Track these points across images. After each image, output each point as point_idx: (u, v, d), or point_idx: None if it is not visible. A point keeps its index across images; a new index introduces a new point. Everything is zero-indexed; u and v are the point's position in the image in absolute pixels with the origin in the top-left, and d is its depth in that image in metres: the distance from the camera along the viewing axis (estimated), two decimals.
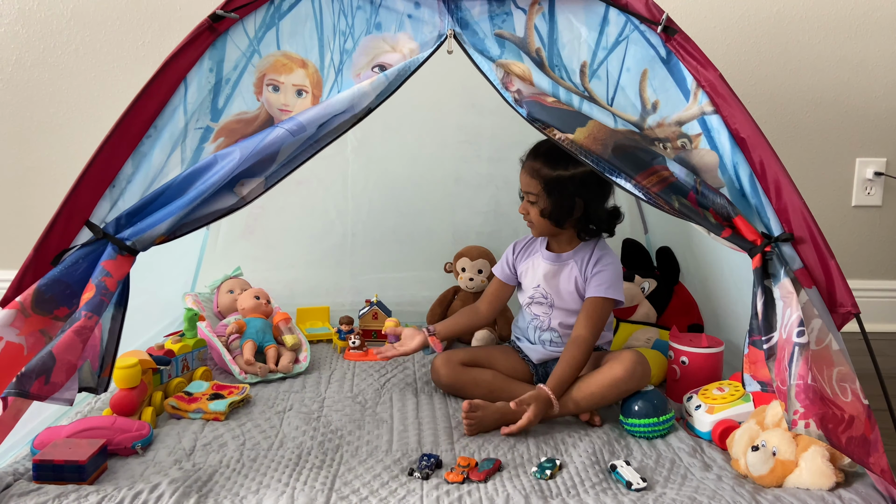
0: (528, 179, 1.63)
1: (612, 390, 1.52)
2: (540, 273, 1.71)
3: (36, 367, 1.13)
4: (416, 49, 1.33)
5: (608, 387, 1.52)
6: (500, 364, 1.72)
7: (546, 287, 1.71)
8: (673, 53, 1.31)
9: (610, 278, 1.64)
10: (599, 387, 1.52)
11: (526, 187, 1.64)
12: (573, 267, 1.68)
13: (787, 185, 1.26)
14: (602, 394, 1.52)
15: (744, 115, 1.28)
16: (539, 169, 1.60)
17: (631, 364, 1.52)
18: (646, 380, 1.55)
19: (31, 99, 2.35)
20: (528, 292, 1.75)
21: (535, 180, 1.61)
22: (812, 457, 1.23)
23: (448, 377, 1.68)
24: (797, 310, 1.18)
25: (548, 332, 1.73)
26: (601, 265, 1.65)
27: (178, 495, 1.18)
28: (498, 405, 1.52)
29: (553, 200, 1.61)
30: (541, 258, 1.73)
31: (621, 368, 1.52)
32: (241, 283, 2.12)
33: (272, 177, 1.30)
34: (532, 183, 1.62)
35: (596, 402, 1.53)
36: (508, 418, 1.52)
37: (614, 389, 1.52)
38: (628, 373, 1.52)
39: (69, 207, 1.24)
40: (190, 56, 1.28)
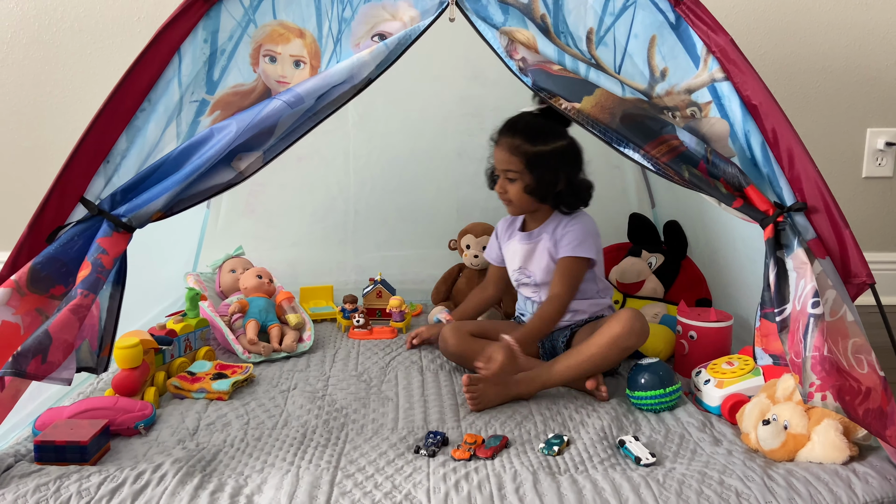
0: (507, 157, 1.61)
1: (612, 349, 1.51)
2: (518, 255, 1.72)
3: (32, 347, 1.12)
4: (417, 17, 1.29)
5: (607, 346, 1.51)
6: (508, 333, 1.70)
7: (527, 267, 1.71)
8: (682, 18, 1.27)
9: (578, 237, 1.63)
10: (598, 347, 1.51)
11: (505, 165, 1.62)
12: (545, 240, 1.68)
13: (801, 153, 1.22)
14: (602, 354, 1.51)
15: (756, 81, 1.24)
16: (519, 145, 1.59)
17: (628, 320, 1.51)
18: (644, 335, 1.54)
19: (26, 77, 2.32)
20: (513, 276, 1.76)
21: (515, 157, 1.60)
22: (825, 430, 1.21)
23: (456, 346, 1.66)
24: (811, 280, 1.16)
25: (536, 306, 1.72)
26: (569, 227, 1.65)
27: (181, 475, 1.17)
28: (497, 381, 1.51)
29: (536, 176, 1.60)
30: (517, 240, 1.74)
31: (619, 325, 1.51)
32: (243, 263, 2.10)
33: (270, 151, 1.27)
34: (512, 160, 1.61)
35: (597, 363, 1.52)
36: (512, 390, 1.51)
37: (614, 348, 1.51)
38: (626, 329, 1.51)
39: (63, 184, 1.22)
40: (183, 26, 1.24)
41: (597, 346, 1.52)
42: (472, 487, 1.15)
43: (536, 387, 1.54)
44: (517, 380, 1.52)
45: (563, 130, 1.63)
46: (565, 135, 1.63)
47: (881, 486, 1.15)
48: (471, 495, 1.13)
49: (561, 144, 1.60)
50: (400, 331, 2.00)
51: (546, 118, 1.60)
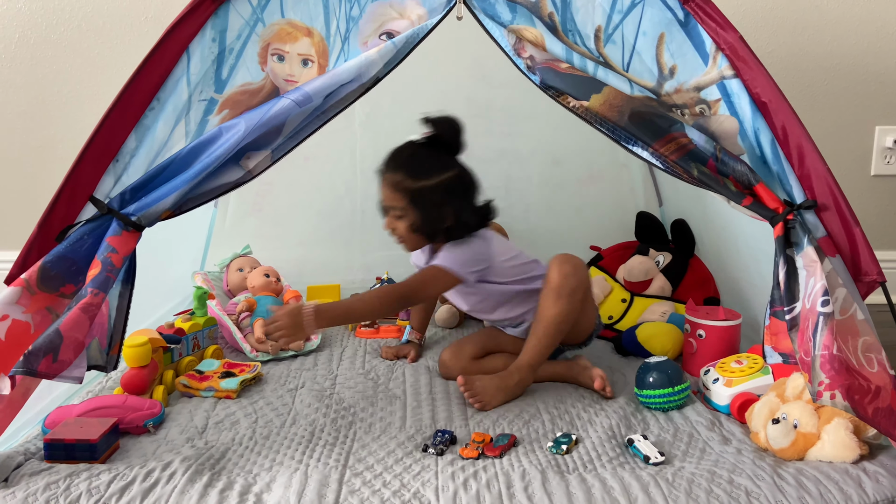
0: (390, 194, 1.52)
1: (561, 300, 1.48)
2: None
3: (43, 345, 1.12)
4: (425, 15, 1.29)
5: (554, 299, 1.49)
6: (507, 345, 1.68)
7: (451, 300, 1.69)
8: (691, 16, 1.26)
9: (450, 254, 1.53)
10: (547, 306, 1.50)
11: (389, 202, 1.53)
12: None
13: (811, 150, 1.22)
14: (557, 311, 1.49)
15: (766, 78, 1.23)
16: (401, 181, 1.50)
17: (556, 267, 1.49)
18: (581, 270, 1.51)
19: (35, 77, 2.33)
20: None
21: (398, 194, 1.50)
22: (835, 429, 1.21)
23: (460, 372, 1.60)
24: (821, 279, 1.15)
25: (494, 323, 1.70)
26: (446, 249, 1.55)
27: (190, 473, 1.17)
28: (495, 374, 1.52)
29: (421, 213, 1.51)
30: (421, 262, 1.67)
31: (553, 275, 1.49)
32: (250, 262, 2.10)
33: (279, 149, 1.27)
34: (395, 197, 1.51)
35: (559, 322, 1.50)
36: (509, 380, 1.51)
37: (562, 298, 1.48)
38: (558, 275, 1.48)
39: (72, 183, 1.22)
40: (192, 25, 1.24)
41: (547, 307, 1.50)
42: (481, 486, 1.15)
43: (525, 370, 1.52)
44: (509, 371, 1.52)
45: (450, 160, 1.53)
46: (453, 165, 1.53)
47: (891, 485, 1.14)
48: (479, 494, 1.13)
49: (447, 177, 1.50)
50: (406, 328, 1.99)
51: (431, 148, 1.53)
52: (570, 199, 2.31)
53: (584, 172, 2.30)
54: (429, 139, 1.53)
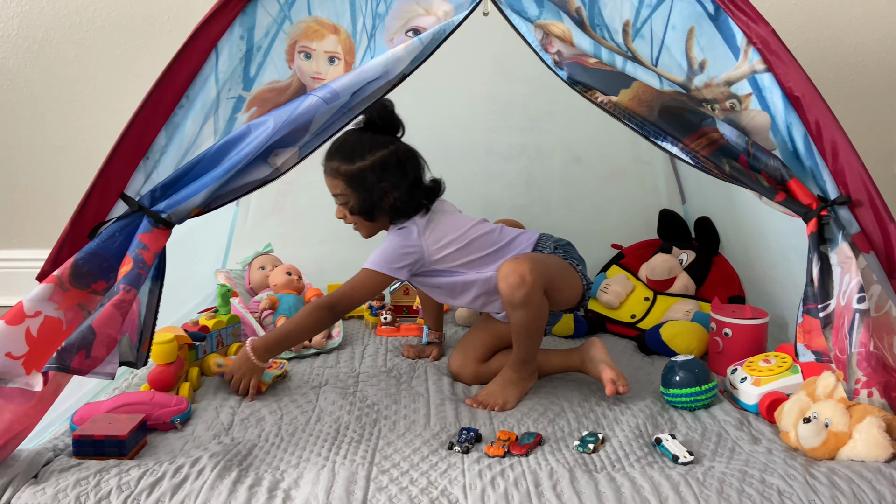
0: (331, 182, 1.56)
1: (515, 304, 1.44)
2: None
3: (76, 342, 1.13)
4: (451, 11, 1.28)
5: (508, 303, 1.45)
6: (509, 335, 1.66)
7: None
8: (722, 9, 1.25)
9: (380, 252, 1.56)
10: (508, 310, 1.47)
11: (332, 189, 1.57)
12: None
13: (845, 145, 1.20)
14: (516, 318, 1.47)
15: (799, 72, 1.21)
16: (338, 167, 1.54)
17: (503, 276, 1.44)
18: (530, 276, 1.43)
19: (58, 76, 2.35)
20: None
21: (336, 180, 1.54)
22: (867, 428, 1.19)
23: (471, 379, 1.62)
24: (857, 275, 1.13)
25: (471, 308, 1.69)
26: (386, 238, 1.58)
27: (219, 469, 1.17)
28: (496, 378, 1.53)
29: (359, 195, 1.54)
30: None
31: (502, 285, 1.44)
32: (272, 260, 2.11)
33: (306, 146, 1.27)
34: (336, 184, 1.55)
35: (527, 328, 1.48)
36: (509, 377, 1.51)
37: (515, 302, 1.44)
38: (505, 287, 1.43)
39: (104, 180, 1.22)
40: (220, 23, 1.24)
41: (509, 314, 1.48)
42: (509, 484, 1.15)
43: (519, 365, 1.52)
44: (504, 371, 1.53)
45: (386, 139, 1.56)
46: (388, 143, 1.55)
47: None
48: (507, 492, 1.13)
49: (380, 155, 1.53)
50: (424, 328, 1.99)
51: (365, 131, 1.56)
52: (592, 196, 2.30)
53: (605, 169, 2.28)
54: (363, 124, 1.56)
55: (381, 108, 1.55)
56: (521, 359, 1.52)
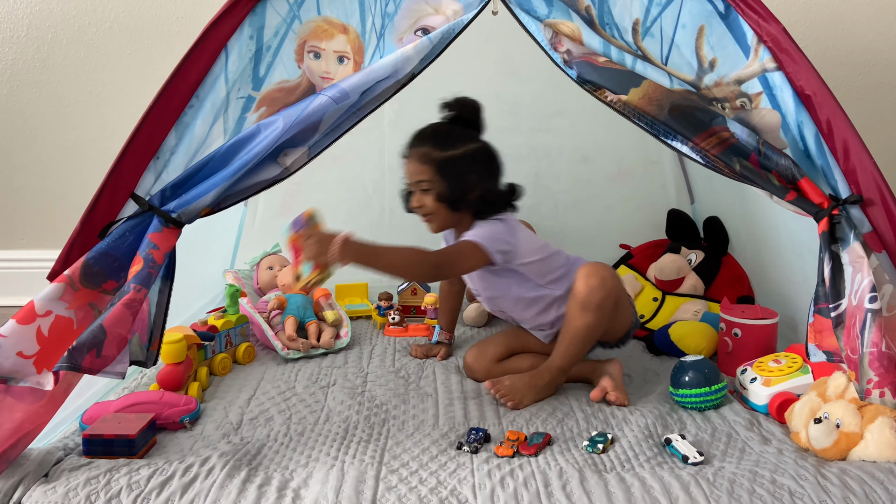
0: (418, 167, 1.53)
1: (587, 312, 1.46)
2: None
3: (87, 341, 1.13)
4: (460, 10, 1.28)
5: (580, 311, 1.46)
6: (533, 345, 1.67)
7: (470, 284, 1.66)
8: (732, 7, 1.24)
9: (480, 229, 1.51)
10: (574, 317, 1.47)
11: (417, 176, 1.54)
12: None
13: (857, 144, 1.19)
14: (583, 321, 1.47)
15: (810, 71, 1.21)
16: (429, 153, 1.52)
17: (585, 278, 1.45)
18: (608, 280, 1.47)
19: (67, 77, 2.36)
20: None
21: (425, 166, 1.52)
22: (879, 428, 1.18)
23: (484, 374, 1.62)
24: (868, 275, 1.13)
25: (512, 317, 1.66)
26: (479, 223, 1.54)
27: (228, 468, 1.17)
28: (525, 373, 1.51)
29: (448, 183, 1.52)
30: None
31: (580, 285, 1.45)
32: (280, 260, 2.11)
33: (315, 146, 1.28)
34: (423, 169, 1.52)
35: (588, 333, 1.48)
36: (539, 380, 1.50)
37: (588, 310, 1.45)
38: (585, 288, 1.45)
39: (114, 180, 1.23)
40: (230, 23, 1.25)
41: (575, 316, 1.48)
42: (518, 484, 1.14)
43: (556, 372, 1.51)
44: (539, 370, 1.52)
45: (475, 135, 1.57)
46: (477, 139, 1.57)
47: None
48: (517, 492, 1.12)
49: (472, 147, 1.53)
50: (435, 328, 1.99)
51: (454, 124, 1.57)
52: (600, 196, 2.29)
53: (613, 169, 2.28)
54: (450, 119, 1.57)
55: (471, 106, 1.58)
56: (560, 366, 1.52)
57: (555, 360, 1.52)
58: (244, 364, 1.74)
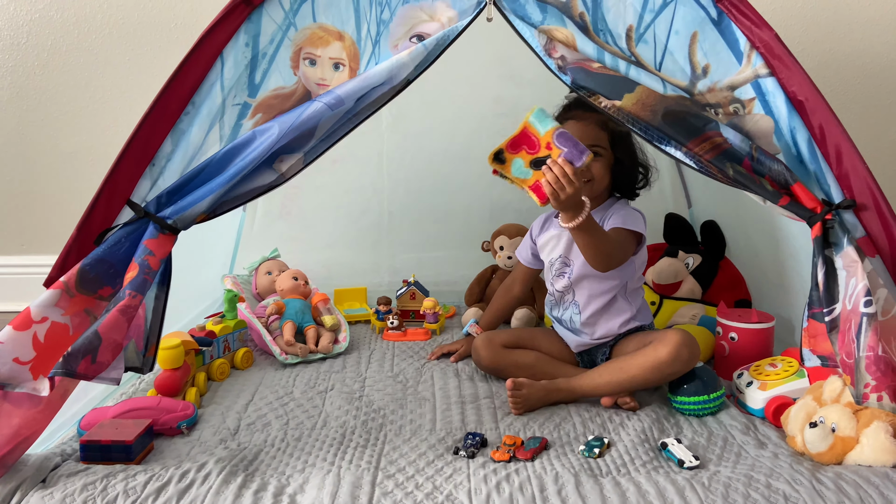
0: (595, 131, 1.54)
1: (655, 374, 1.45)
2: (562, 242, 1.65)
3: (82, 347, 1.13)
4: (455, 17, 1.29)
5: (651, 370, 1.45)
6: (543, 345, 1.68)
7: (567, 255, 1.64)
8: (725, 14, 1.25)
9: (624, 216, 1.55)
10: (641, 369, 1.45)
11: (592, 140, 1.53)
12: None
13: (849, 149, 1.19)
14: (644, 377, 1.45)
15: (802, 76, 1.21)
16: (606, 122, 1.54)
17: (676, 347, 1.43)
18: (693, 362, 1.46)
19: (67, 84, 2.37)
20: (549, 266, 1.69)
21: (604, 133, 1.56)
22: (875, 433, 1.18)
23: (489, 359, 1.64)
24: (863, 279, 1.13)
25: (570, 308, 1.64)
26: (617, 211, 1.57)
27: (225, 474, 1.18)
28: (543, 383, 1.50)
29: (621, 155, 1.58)
30: (556, 228, 1.67)
31: (665, 351, 1.44)
32: (278, 265, 2.11)
33: (311, 152, 1.28)
34: (601, 135, 1.56)
35: (638, 384, 1.47)
36: (553, 396, 1.49)
37: (657, 373, 1.45)
38: (672, 356, 1.43)
39: (110, 187, 1.23)
40: (225, 31, 1.25)
41: (639, 367, 1.46)
42: (514, 489, 1.15)
43: (576, 396, 1.52)
44: (559, 387, 1.50)
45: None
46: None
47: None
48: (513, 497, 1.13)
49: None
50: (433, 332, 2.00)
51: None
52: None
53: None
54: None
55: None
56: (583, 394, 1.51)
57: (582, 387, 1.51)
58: (242, 369, 1.74)
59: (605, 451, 1.29)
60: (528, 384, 1.47)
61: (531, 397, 1.47)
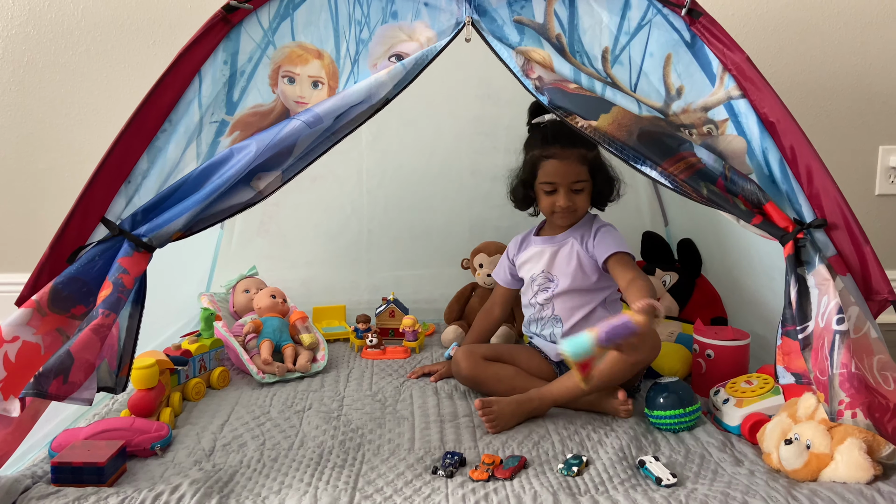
0: (576, 168, 1.59)
1: (620, 363, 1.47)
2: (543, 258, 1.69)
3: (54, 367, 1.12)
4: (434, 38, 1.30)
5: (613, 360, 1.46)
6: (522, 361, 1.68)
7: (549, 270, 1.68)
8: (698, 37, 1.27)
9: (616, 238, 1.62)
10: (608, 364, 1.46)
11: (576, 177, 1.60)
12: (573, 244, 1.66)
13: (819, 169, 1.22)
14: (610, 369, 1.47)
15: (773, 98, 1.24)
16: (585, 154, 1.58)
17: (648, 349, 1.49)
18: (655, 350, 1.51)
19: (42, 100, 2.34)
20: (529, 283, 1.72)
21: (585, 167, 1.59)
22: (849, 449, 1.19)
23: (469, 370, 1.64)
24: (835, 297, 1.15)
25: (550, 322, 1.68)
26: (601, 234, 1.63)
27: (199, 496, 1.16)
28: (513, 397, 1.50)
29: (600, 180, 1.62)
30: (536, 244, 1.72)
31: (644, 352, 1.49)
32: (256, 283, 2.10)
33: (289, 170, 1.28)
34: (583, 170, 1.60)
35: (606, 379, 1.49)
36: (525, 408, 1.50)
37: (622, 363, 1.47)
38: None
39: (84, 204, 1.22)
40: (204, 48, 1.25)
41: (606, 362, 1.46)
42: None
43: (548, 403, 1.52)
44: (529, 397, 1.51)
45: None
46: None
47: None
48: None
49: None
50: (413, 350, 1.99)
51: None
52: None
53: None
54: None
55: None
56: (554, 401, 1.53)
57: (553, 392, 1.52)
58: (218, 389, 1.72)
59: (584, 470, 1.28)
60: (496, 400, 1.48)
61: (503, 412, 1.47)
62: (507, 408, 1.48)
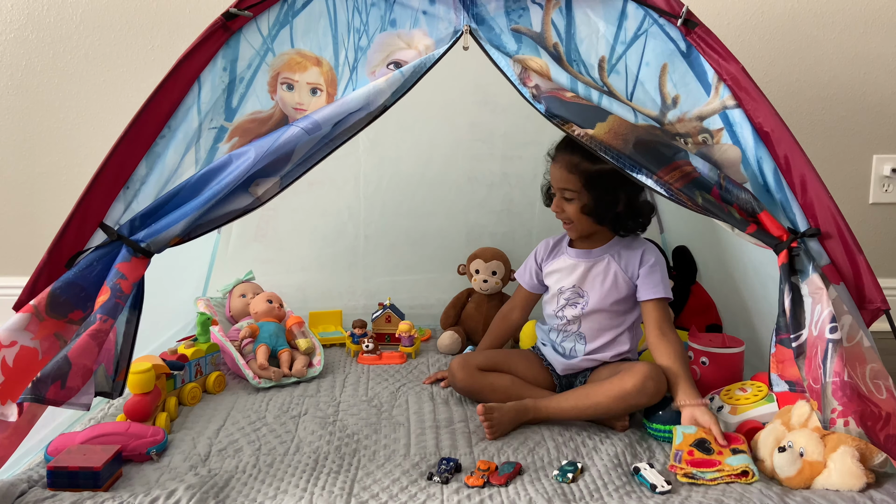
0: (564, 175, 1.55)
1: (619, 403, 1.46)
2: (575, 273, 1.64)
3: (52, 372, 1.12)
4: (432, 45, 1.31)
5: (615, 399, 1.45)
6: (520, 369, 1.67)
7: (581, 286, 1.63)
8: (693, 47, 1.29)
9: (664, 280, 1.60)
10: (606, 397, 1.46)
11: (562, 183, 1.56)
12: (609, 262, 1.61)
13: (813, 179, 1.23)
14: (607, 405, 1.46)
15: (768, 108, 1.25)
16: (578, 163, 1.53)
17: (642, 379, 1.44)
18: (658, 396, 1.46)
19: (40, 104, 2.35)
20: (557, 294, 1.67)
21: (573, 175, 1.54)
22: (841, 457, 1.20)
23: (464, 381, 1.63)
24: (828, 305, 1.16)
25: (573, 338, 1.65)
26: (652, 269, 1.59)
27: (195, 501, 1.16)
28: (512, 404, 1.50)
29: (594, 196, 1.54)
30: (569, 256, 1.67)
31: (632, 382, 1.44)
32: (253, 287, 2.10)
33: (287, 176, 1.28)
34: (570, 178, 1.54)
35: (601, 412, 1.48)
36: (523, 416, 1.50)
37: (621, 402, 1.45)
38: (637, 388, 1.44)
39: (83, 209, 1.23)
40: (203, 55, 1.26)
41: (605, 395, 1.46)
42: None
43: (543, 416, 1.52)
44: (527, 407, 1.51)
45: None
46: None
47: None
48: None
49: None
50: (409, 356, 2.00)
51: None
52: None
53: None
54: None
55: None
56: (550, 416, 1.52)
57: (548, 408, 1.52)
58: (214, 393, 1.72)
59: (579, 476, 1.29)
60: (498, 407, 1.48)
61: (503, 419, 1.47)
62: (507, 415, 1.48)
